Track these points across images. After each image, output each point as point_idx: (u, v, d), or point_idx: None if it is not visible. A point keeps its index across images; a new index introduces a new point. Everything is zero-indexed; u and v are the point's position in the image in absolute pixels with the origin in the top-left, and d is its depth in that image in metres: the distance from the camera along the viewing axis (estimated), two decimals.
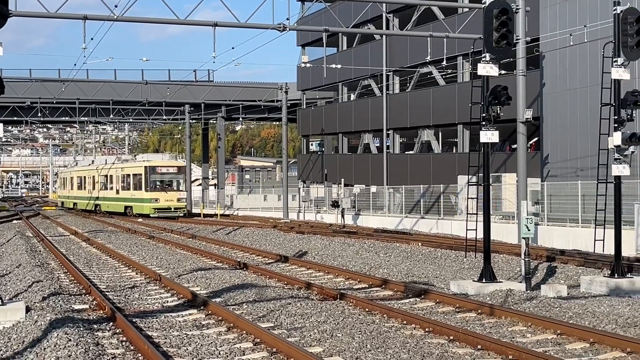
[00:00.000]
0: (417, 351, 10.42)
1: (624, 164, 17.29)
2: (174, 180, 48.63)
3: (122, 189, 50.53)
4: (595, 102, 19.33)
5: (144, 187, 47.67)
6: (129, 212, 49.42)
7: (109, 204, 52.86)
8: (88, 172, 59.13)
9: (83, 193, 59.87)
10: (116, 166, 52.94)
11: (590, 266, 19.95)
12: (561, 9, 33.08)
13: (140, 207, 47.99)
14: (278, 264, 22.16)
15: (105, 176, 53.74)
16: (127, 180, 49.90)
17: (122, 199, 50.51)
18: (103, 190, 54.21)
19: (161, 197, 47.46)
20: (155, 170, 48.08)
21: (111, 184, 52.70)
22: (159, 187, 47.83)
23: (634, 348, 10.28)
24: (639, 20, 17.12)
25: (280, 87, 52.93)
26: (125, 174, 50.37)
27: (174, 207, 47.56)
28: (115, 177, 51.91)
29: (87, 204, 58.14)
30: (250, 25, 26.78)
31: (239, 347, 10.74)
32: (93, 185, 56.66)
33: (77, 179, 61.91)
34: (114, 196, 52.12)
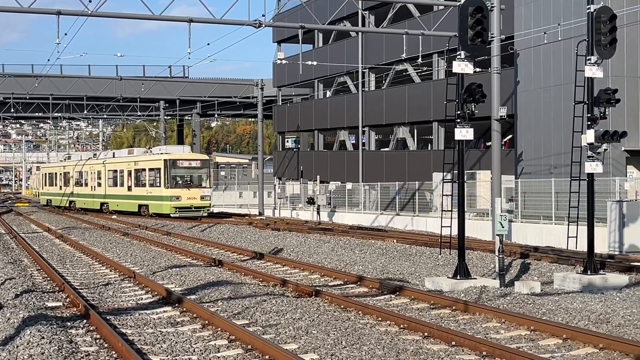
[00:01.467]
0: (392, 347, 10.45)
1: (596, 162, 17.44)
2: (197, 176, 42.41)
3: (136, 185, 44.32)
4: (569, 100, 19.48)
5: (163, 184, 41.31)
6: (143, 211, 43.48)
7: (119, 202, 46.34)
8: (90, 166, 51.62)
9: (83, 190, 52.69)
10: (128, 159, 46.24)
11: (563, 263, 20.11)
12: (535, 7, 33.30)
13: (158, 206, 41.87)
14: (253, 261, 22.12)
15: (114, 171, 47.27)
16: (141, 176, 43.80)
17: (135, 196, 44.27)
18: (112, 187, 47.41)
19: (183, 194, 41.14)
20: (176, 164, 41.65)
21: (121, 180, 46.16)
22: (180, 183, 41.61)
23: (607, 344, 10.39)
24: (612, 19, 17.27)
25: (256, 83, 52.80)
26: (139, 168, 44.08)
27: (196, 205, 41.56)
28: (126, 172, 45.44)
29: (86, 202, 51.41)
30: (225, 22, 26.70)
31: (214, 344, 10.70)
32: (97, 180, 49.71)
33: (76, 174, 54.18)
34: (124, 193, 45.65)
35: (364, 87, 50.21)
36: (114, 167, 47.46)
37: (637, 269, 18.64)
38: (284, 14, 55.30)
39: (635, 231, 24.70)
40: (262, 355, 9.98)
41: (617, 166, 30.51)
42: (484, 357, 9.96)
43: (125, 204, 45.39)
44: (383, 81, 49.26)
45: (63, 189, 56.57)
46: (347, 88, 53.24)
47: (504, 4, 29.65)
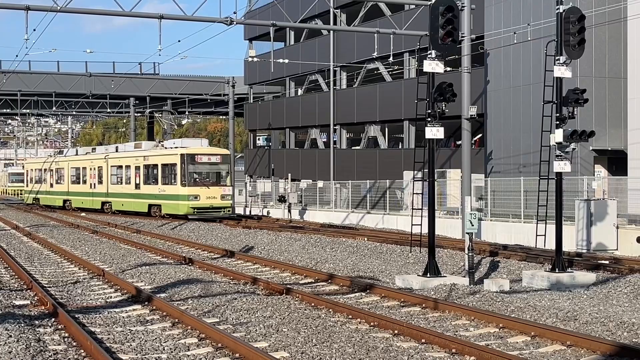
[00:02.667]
0: (362, 345, 10.49)
1: (565, 161, 17.62)
2: (217, 172, 38.41)
3: (145, 182, 40.07)
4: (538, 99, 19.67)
5: (179, 181, 37.05)
6: (154, 212, 39.25)
7: (124, 201, 41.92)
8: (90, 162, 46.65)
9: (80, 188, 47.71)
10: (136, 154, 41.60)
11: (532, 261, 20.30)
12: (505, 7, 33.56)
13: (173, 206, 37.67)
14: (224, 259, 22.06)
15: (119, 167, 42.83)
16: (153, 172, 39.50)
17: (145, 195, 39.96)
18: (116, 184, 43.11)
19: (202, 193, 36.93)
20: (194, 160, 37.46)
21: (127, 177, 41.88)
22: (198, 180, 37.49)
23: (574, 341, 10.51)
24: (580, 20, 17.46)
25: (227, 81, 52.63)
26: (150, 164, 39.83)
27: (216, 205, 37.31)
28: (134, 169, 41.14)
29: (85, 201, 46.78)
30: (196, 19, 26.58)
31: (184, 343, 10.66)
32: (98, 178, 44.98)
33: (72, 170, 49.09)
34: (131, 192, 41.20)
35: (336, 86, 50.27)
36: (118, 163, 43.00)
37: (604, 267, 18.88)
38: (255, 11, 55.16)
39: (603, 230, 24.99)
40: (232, 354, 9.96)
41: (585, 165, 30.86)
42: (454, 354, 10.03)
43: (132, 203, 41.09)
44: (354, 80, 49.35)
45: (55, 186, 51.52)
46: (318, 86, 53.26)
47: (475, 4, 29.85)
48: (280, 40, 56.85)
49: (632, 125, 28.42)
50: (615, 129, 30.94)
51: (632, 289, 15.97)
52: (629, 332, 11.21)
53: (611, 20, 29.31)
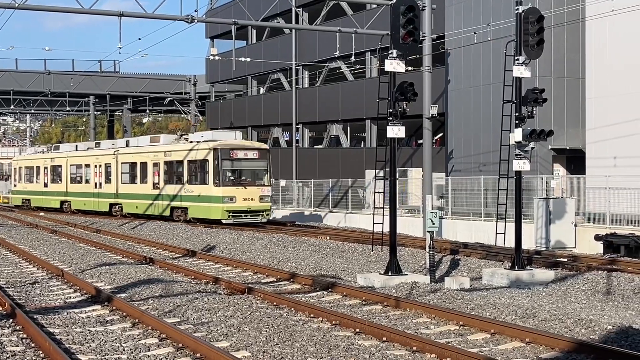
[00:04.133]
0: (324, 344, 10.50)
1: (524, 160, 17.82)
2: (255, 170, 33.57)
3: (167, 182, 34.93)
4: (498, 99, 19.87)
5: (212, 180, 31.99)
6: (178, 215, 34.33)
7: (139, 203, 36.72)
8: (95, 159, 40.99)
9: (82, 188, 42.10)
10: (155, 149, 36.30)
11: (492, 259, 20.50)
12: (466, 7, 33.84)
13: (203, 209, 32.56)
14: (185, 259, 21.93)
15: (132, 164, 37.77)
16: (176, 170, 34.58)
17: (166, 196, 34.76)
18: (128, 184, 38.00)
19: (238, 194, 31.94)
20: (229, 155, 32.33)
21: (143, 176, 36.79)
22: (234, 180, 32.50)
23: (533, 338, 10.64)
24: (539, 20, 17.66)
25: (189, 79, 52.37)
26: (172, 160, 34.80)
27: (254, 208, 32.27)
28: (151, 166, 36.04)
29: (88, 203, 41.55)
30: (157, 16, 26.43)
31: (144, 343, 10.58)
32: (106, 176, 39.86)
33: (72, 168, 43.48)
34: (148, 192, 36.09)
35: (298, 85, 50.26)
36: (131, 159, 37.74)
37: (563, 264, 19.13)
38: (217, 9, 54.91)
39: (561, 228, 25.35)
40: (193, 354, 9.91)
41: (544, 164, 31.27)
42: (414, 352, 10.09)
43: (149, 205, 36.07)
44: (317, 78, 49.39)
45: (51, 186, 45.90)
46: (281, 85, 53.21)
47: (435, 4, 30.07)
48: (242, 38, 56.68)
49: (590, 125, 28.86)
50: (574, 129, 31.39)
51: (589, 286, 16.22)
52: (586, 329, 11.38)
53: (569, 21, 29.72)
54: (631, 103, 27.13)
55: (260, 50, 52.88)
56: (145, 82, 62.77)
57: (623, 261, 19.69)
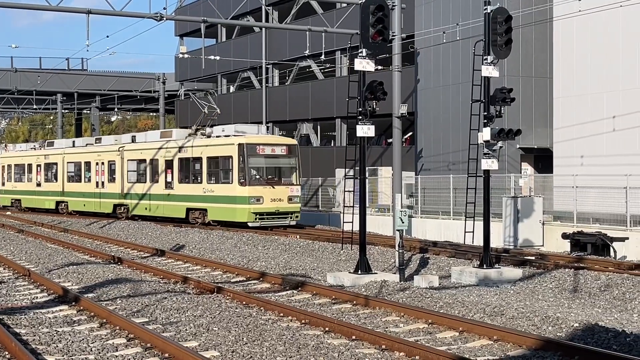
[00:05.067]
0: (293, 343, 10.50)
1: (492, 159, 17.95)
2: (283, 168, 30.26)
3: (182, 181, 31.84)
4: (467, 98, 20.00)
5: (236, 179, 28.82)
6: (194, 218, 31.28)
7: (149, 204, 33.63)
8: (97, 155, 37.68)
9: (81, 187, 38.86)
10: (168, 144, 32.84)
11: (460, 257, 20.63)
12: (435, 7, 34.00)
13: (226, 211, 29.35)
14: (154, 258, 21.81)
15: (140, 162, 34.54)
16: (193, 168, 31.25)
17: (181, 197, 31.71)
18: (135, 183, 34.86)
19: (265, 194, 28.80)
20: (256, 151, 29.15)
21: (153, 174, 33.52)
22: (261, 179, 29.29)
23: (501, 336, 10.72)
24: (507, 20, 17.81)
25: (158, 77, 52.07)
26: (189, 157, 31.38)
27: (283, 210, 29.30)
28: (163, 163, 32.80)
29: (88, 203, 38.20)
30: (125, 14, 26.23)
31: (112, 343, 10.50)
32: (109, 175, 36.64)
33: (70, 165, 40.18)
34: (160, 192, 32.95)
35: (268, 83, 50.17)
36: (139, 156, 34.66)
37: (531, 262, 19.31)
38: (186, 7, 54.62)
39: (529, 226, 25.57)
40: (161, 354, 9.85)
41: (512, 163, 31.51)
42: (383, 350, 10.12)
43: (162, 206, 32.87)
44: (287, 77, 49.34)
45: (44, 185, 42.47)
46: (250, 83, 53.07)
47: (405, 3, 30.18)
48: (212, 36, 56.46)
49: (558, 124, 29.14)
50: (542, 128, 31.67)
51: (557, 284, 16.39)
52: (553, 327, 11.49)
53: (537, 21, 29.98)
54: (597, 102, 27.45)
55: (230, 49, 52.69)
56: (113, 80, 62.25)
57: (590, 259, 19.93)
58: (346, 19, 32.45)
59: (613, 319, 12.78)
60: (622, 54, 26.75)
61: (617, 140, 26.66)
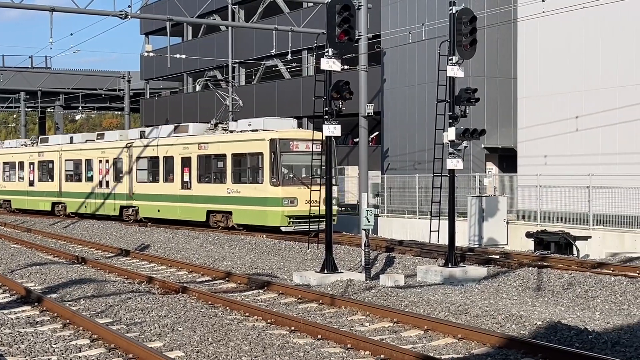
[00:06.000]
0: (259, 343, 10.48)
1: (457, 158, 18.06)
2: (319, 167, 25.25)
3: (201, 180, 28.75)
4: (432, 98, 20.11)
5: (268, 178, 25.74)
6: (216, 221, 28.03)
7: (162, 206, 30.53)
8: (101, 152, 34.47)
9: (82, 187, 35.74)
10: (182, 140, 29.83)
11: (426, 256, 20.73)
12: (401, 7, 34.16)
13: (255, 214, 26.03)
14: (119, 258, 21.63)
15: (152, 159, 31.35)
16: (215, 166, 28.43)
17: (201, 198, 28.45)
18: (145, 183, 31.73)
19: (299, 195, 25.31)
20: (289, 147, 25.99)
21: (167, 173, 30.48)
22: (295, 178, 26.06)
23: (465, 334, 10.79)
24: (472, 21, 17.92)
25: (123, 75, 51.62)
26: (210, 154, 28.39)
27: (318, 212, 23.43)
28: (179, 161, 29.61)
29: (91, 204, 35.14)
30: (90, 12, 25.99)
31: (75, 344, 10.40)
32: (115, 173, 33.49)
33: (69, 163, 37.09)
34: (175, 193, 29.70)
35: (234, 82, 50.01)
36: (151, 153, 31.33)
37: (495, 261, 19.47)
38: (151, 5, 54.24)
39: (494, 225, 25.81)
40: (125, 355, 9.78)
41: (477, 163, 31.79)
42: (349, 349, 10.14)
43: (179, 208, 29.55)
44: (253, 76, 49.22)
45: (38, 185, 39.20)
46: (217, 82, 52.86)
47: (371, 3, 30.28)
48: (178, 35, 56.13)
49: (522, 124, 29.45)
50: (506, 128, 31.97)
51: (520, 283, 16.55)
52: (517, 325, 11.60)
53: (502, 22, 30.26)
54: (560, 102, 27.78)
55: (196, 47, 52.42)
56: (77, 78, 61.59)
57: (553, 258, 20.14)
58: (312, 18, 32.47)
59: (576, 316, 12.94)
60: (585, 54, 27.12)
61: (580, 140, 27.02)
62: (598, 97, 26.54)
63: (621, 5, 24.50)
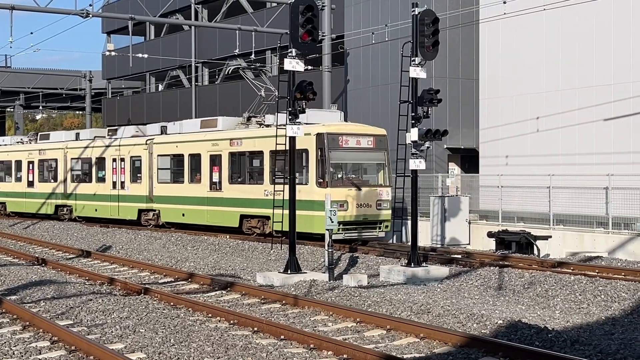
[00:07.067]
0: (221, 344, 10.44)
1: (420, 159, 18.17)
2: (371, 166, 24.53)
3: (233, 180, 25.81)
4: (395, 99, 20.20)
5: (314, 178, 22.81)
6: (250, 227, 25.06)
7: (187, 209, 27.51)
8: (115, 150, 31.20)
9: (92, 188, 32.47)
10: (211, 136, 26.66)
11: (389, 256, 20.81)
12: (365, 8, 34.27)
13: (302, 220, 20.55)
14: (80, 259, 21.41)
15: (175, 157, 28.51)
16: (249, 164, 25.52)
17: (233, 201, 25.42)
18: (167, 183, 28.78)
19: (350, 198, 22.79)
20: (338, 143, 23.11)
21: (194, 172, 27.47)
22: (345, 179, 23.45)
23: (427, 333, 10.87)
24: (435, 22, 18.04)
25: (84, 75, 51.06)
26: (244, 151, 25.32)
27: (371, 218, 23.22)
28: (207, 159, 26.60)
29: (103, 208, 31.80)
30: (50, 10, 25.71)
31: (35, 346, 10.27)
32: (133, 174, 30.27)
33: (74, 162, 33.88)
34: (203, 195, 26.68)
35: (197, 82, 49.76)
36: (174, 151, 28.41)
37: (457, 261, 19.63)
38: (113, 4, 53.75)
39: (456, 225, 25.99)
40: (86, 356, 9.69)
41: (440, 163, 31.99)
42: (312, 349, 10.15)
43: (205, 212, 26.55)
44: (217, 76, 49.03)
45: (39, 186, 35.87)
46: (180, 82, 52.55)
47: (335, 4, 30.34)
48: (140, 34, 55.69)
49: (483, 125, 29.71)
50: (468, 129, 32.23)
51: (482, 282, 16.70)
52: (478, 324, 11.70)
53: (464, 23, 30.50)
54: (522, 104, 28.09)
55: (159, 47, 52.03)
56: (38, 77, 60.79)
57: (514, 257, 20.36)
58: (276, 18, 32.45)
59: (536, 315, 13.09)
60: (545, 56, 27.45)
61: (540, 141, 27.35)
62: (558, 99, 26.89)
63: (581, 8, 24.86)
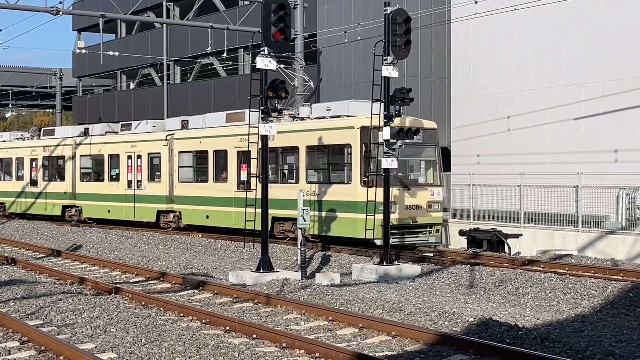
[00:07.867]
0: (193, 343, 10.40)
1: (392, 157, 18.22)
2: (421, 163, 22.60)
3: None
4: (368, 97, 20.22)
5: (358, 177, 20.65)
6: (283, 230, 23.05)
7: (211, 210, 25.31)
8: (131, 146, 28.97)
9: (103, 187, 30.26)
10: (238, 131, 23.85)
11: (361, 254, 20.83)
12: (337, 7, 34.30)
13: (341, 222, 20.96)
14: (50, 259, 21.22)
15: (198, 154, 26.37)
16: (286, 161, 23.52)
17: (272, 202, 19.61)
18: (190, 182, 26.61)
19: (399, 199, 20.75)
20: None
21: (219, 170, 25.35)
22: (393, 177, 19.54)
23: (399, 331, 10.91)
24: (407, 21, 18.10)
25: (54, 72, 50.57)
26: (279, 147, 22.76)
27: (422, 221, 21.43)
28: (234, 156, 24.42)
29: (116, 208, 29.40)
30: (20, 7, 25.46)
31: (5, 347, 10.17)
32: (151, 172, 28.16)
33: (85, 160, 31.56)
34: (230, 196, 24.37)
35: (169, 80, 49.52)
36: (198, 147, 26.21)
37: (429, 259, 19.72)
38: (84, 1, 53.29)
39: None
40: (56, 356, 9.62)
41: None
42: (284, 348, 10.15)
43: (233, 214, 23.82)
44: (189, 74, 48.81)
45: (44, 185, 33.55)
46: (151, 80, 52.25)
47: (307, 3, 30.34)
48: (111, 32, 55.28)
49: (455, 124, 29.87)
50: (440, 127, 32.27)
51: (453, 280, 16.80)
52: (449, 322, 11.77)
53: (436, 23, 30.64)
54: (493, 103, 28.29)
55: (130, 45, 51.70)
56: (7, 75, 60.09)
57: (485, 255, 20.50)
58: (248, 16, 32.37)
59: (507, 313, 13.19)
60: (516, 55, 27.66)
61: (511, 140, 27.55)
62: (529, 98, 27.12)
63: (551, 8, 25.09)
